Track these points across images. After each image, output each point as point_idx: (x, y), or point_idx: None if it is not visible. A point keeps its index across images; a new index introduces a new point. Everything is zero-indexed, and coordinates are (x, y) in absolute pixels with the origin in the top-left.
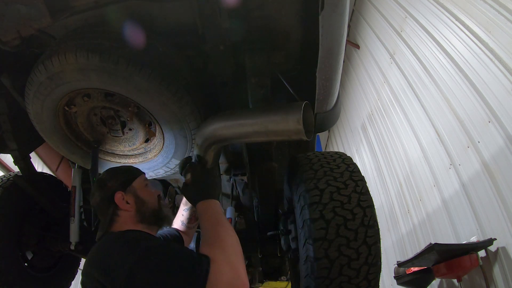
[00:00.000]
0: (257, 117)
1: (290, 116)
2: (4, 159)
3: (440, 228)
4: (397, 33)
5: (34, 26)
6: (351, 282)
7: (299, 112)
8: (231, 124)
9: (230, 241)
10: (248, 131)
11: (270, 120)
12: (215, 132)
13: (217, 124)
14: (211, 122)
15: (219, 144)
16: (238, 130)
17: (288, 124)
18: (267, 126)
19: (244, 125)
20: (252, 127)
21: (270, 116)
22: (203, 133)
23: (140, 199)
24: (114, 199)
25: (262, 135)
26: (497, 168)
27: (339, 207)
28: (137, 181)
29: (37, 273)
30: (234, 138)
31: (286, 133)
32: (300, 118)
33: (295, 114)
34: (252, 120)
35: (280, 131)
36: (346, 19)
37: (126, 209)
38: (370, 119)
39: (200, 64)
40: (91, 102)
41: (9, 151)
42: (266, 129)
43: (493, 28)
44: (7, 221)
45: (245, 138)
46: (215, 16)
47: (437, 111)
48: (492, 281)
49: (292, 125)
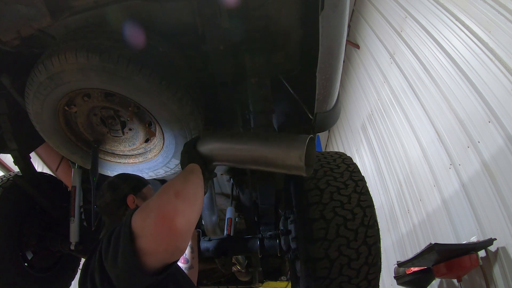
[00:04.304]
0: (257, 145)
1: (292, 151)
2: (4, 159)
3: (440, 228)
4: (397, 33)
5: (34, 26)
6: (351, 282)
7: (302, 148)
8: (228, 147)
9: (164, 187)
10: (245, 158)
11: (271, 151)
12: (211, 152)
13: (214, 143)
14: (209, 140)
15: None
16: (235, 154)
17: (289, 159)
18: (266, 157)
19: (242, 150)
20: (250, 154)
21: (271, 147)
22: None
23: None
24: (126, 201)
25: (259, 165)
26: (497, 168)
27: (339, 207)
28: (146, 188)
29: (37, 273)
30: (229, 161)
31: (285, 167)
32: (303, 155)
33: (298, 149)
34: (252, 147)
35: (279, 164)
36: (346, 19)
37: None
38: (370, 119)
39: (200, 64)
40: (91, 102)
41: (9, 151)
42: (265, 160)
43: (493, 28)
44: (7, 221)
45: (241, 163)
46: (215, 16)
47: (437, 111)
48: (492, 281)
49: (293, 161)
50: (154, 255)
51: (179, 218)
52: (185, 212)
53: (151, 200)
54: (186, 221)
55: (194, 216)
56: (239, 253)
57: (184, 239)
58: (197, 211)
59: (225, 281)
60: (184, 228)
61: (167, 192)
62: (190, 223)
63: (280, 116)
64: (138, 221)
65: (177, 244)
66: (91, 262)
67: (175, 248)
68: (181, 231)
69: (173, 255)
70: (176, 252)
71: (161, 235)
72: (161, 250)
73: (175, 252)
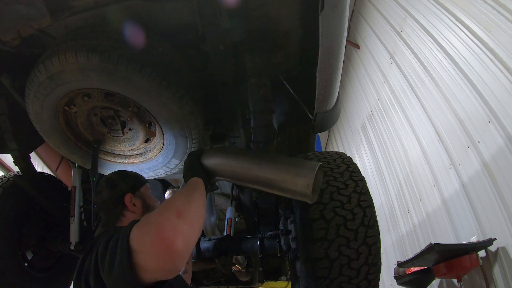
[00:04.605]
0: (264, 167)
1: (300, 178)
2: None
3: (440, 228)
4: (397, 33)
5: (34, 26)
6: (351, 282)
7: (311, 177)
8: (234, 164)
9: (167, 203)
10: (250, 177)
11: (278, 175)
12: (215, 167)
13: (220, 159)
14: (214, 154)
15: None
16: (240, 172)
17: (296, 185)
18: (272, 180)
19: (248, 169)
20: (256, 174)
21: (279, 171)
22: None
23: (146, 204)
24: (123, 199)
25: (263, 186)
26: (497, 168)
27: (339, 207)
28: (144, 187)
29: (37, 273)
30: (232, 178)
31: (290, 193)
32: (311, 184)
33: (306, 177)
34: (258, 167)
35: (284, 189)
36: (346, 19)
37: (133, 211)
38: (370, 119)
39: (200, 64)
40: (91, 102)
41: (9, 151)
42: (271, 183)
43: (493, 28)
44: (7, 221)
45: (244, 182)
46: (215, 16)
47: (437, 111)
48: (492, 281)
49: (300, 188)
50: (150, 272)
51: (179, 240)
52: (186, 233)
53: (153, 216)
54: (186, 242)
55: (195, 237)
56: (239, 253)
57: (182, 260)
58: (198, 231)
59: (225, 281)
60: (183, 249)
61: (169, 210)
62: (190, 244)
63: (280, 116)
64: (138, 237)
65: (175, 264)
66: (86, 262)
67: (172, 268)
68: (180, 252)
69: (170, 273)
70: (173, 271)
71: (159, 255)
72: (158, 268)
73: (171, 271)
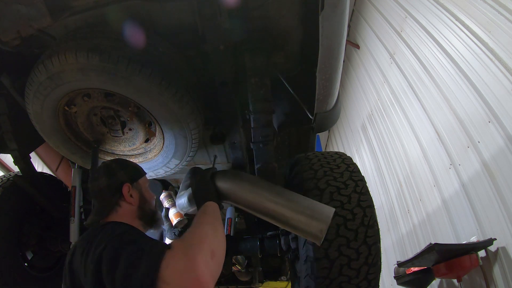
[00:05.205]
0: (281, 203)
1: (315, 222)
2: (4, 159)
3: (440, 228)
4: (397, 33)
5: (34, 26)
6: (351, 282)
7: (326, 223)
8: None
9: (198, 233)
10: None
11: (293, 214)
12: (230, 192)
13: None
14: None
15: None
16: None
17: (309, 227)
18: (287, 217)
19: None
20: (272, 209)
21: (295, 210)
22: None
23: (143, 197)
24: (121, 189)
25: (275, 220)
26: (497, 168)
27: (339, 207)
28: (143, 179)
29: (37, 273)
30: (244, 206)
31: (301, 232)
32: (325, 229)
33: (321, 222)
34: (274, 203)
35: (297, 228)
36: (346, 19)
37: (130, 202)
38: (370, 119)
39: (200, 64)
40: (91, 102)
41: (9, 151)
42: (284, 220)
43: (493, 28)
44: (7, 221)
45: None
46: (215, 16)
47: (437, 111)
48: (492, 281)
49: (313, 231)
50: None
51: (211, 281)
52: (216, 273)
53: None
54: (215, 280)
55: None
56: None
57: None
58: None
59: (225, 281)
60: (211, 286)
61: (204, 249)
62: (216, 280)
63: (280, 116)
64: (172, 269)
65: None
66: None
67: None
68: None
69: None
70: None
71: None
72: None
73: None
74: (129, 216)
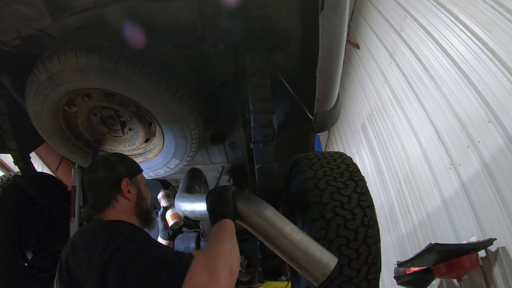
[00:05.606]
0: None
1: (320, 266)
2: (4, 159)
3: (440, 228)
4: (397, 33)
5: (34, 26)
6: (351, 282)
7: (329, 268)
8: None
9: (220, 250)
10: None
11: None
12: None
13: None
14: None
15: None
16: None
17: (314, 269)
18: (296, 256)
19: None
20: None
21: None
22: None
23: (141, 194)
24: (120, 183)
25: (284, 255)
26: (497, 168)
27: (339, 207)
28: (140, 176)
29: (37, 273)
30: (256, 232)
31: (305, 272)
32: (328, 274)
33: (325, 268)
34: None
35: (303, 267)
36: (346, 19)
37: (127, 198)
38: (370, 119)
39: (200, 64)
40: (91, 102)
41: (9, 151)
42: (293, 257)
43: (493, 28)
44: (7, 221)
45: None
46: (215, 16)
47: (437, 111)
48: (492, 281)
49: (317, 273)
50: None
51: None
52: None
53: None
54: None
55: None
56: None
57: None
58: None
59: None
60: None
61: (225, 265)
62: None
63: (280, 116)
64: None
65: None
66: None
67: None
68: None
69: None
70: None
71: None
72: None
73: None
74: (126, 212)
